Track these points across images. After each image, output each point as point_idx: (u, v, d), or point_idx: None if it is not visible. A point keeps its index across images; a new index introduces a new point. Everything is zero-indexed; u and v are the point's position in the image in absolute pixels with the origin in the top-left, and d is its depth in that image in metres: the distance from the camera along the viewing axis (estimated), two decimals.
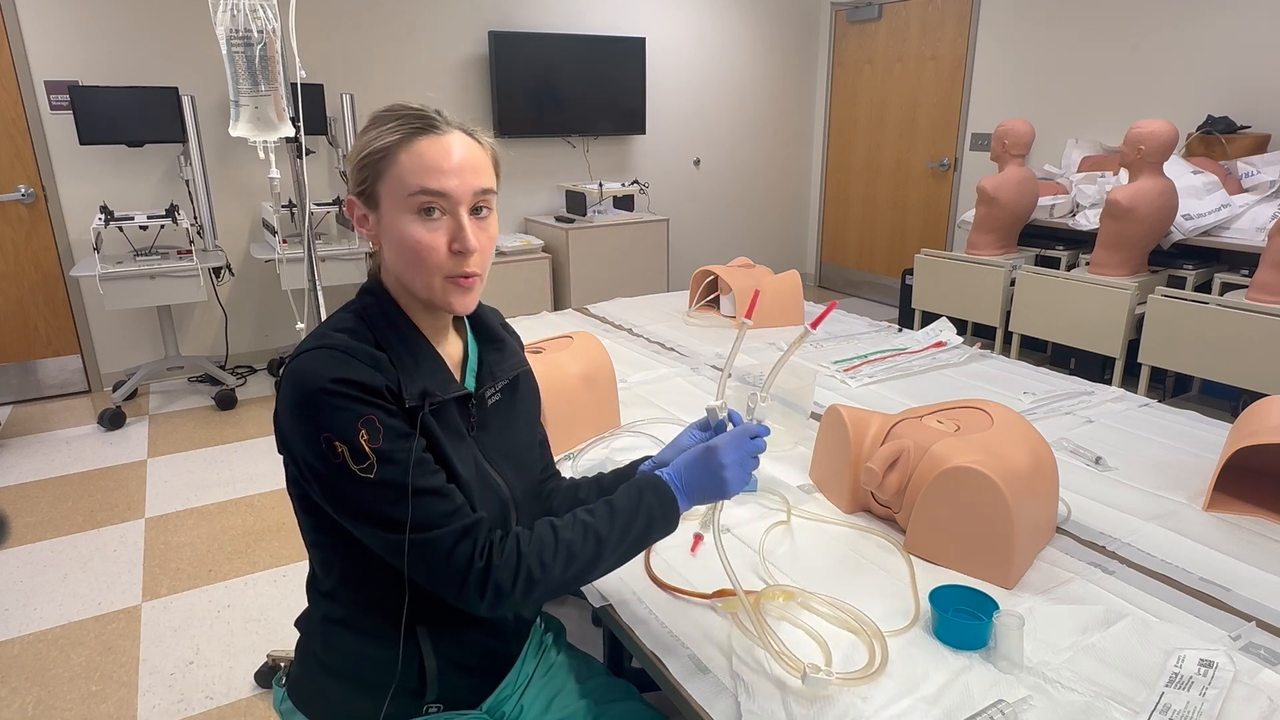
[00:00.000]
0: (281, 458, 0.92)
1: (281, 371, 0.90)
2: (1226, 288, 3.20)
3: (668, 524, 0.96)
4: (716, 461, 0.97)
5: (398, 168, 0.89)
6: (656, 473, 0.99)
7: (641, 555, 1.19)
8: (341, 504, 0.87)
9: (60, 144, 3.74)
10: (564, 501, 1.13)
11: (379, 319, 0.94)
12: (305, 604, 1.07)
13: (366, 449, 0.84)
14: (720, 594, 1.09)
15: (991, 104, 4.90)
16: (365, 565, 0.94)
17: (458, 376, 1.01)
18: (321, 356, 0.87)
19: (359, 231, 0.96)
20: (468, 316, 1.05)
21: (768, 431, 1.01)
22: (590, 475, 1.17)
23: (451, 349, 1.02)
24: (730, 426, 1.05)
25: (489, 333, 1.07)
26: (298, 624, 1.08)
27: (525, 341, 1.69)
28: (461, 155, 0.90)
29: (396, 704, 1.00)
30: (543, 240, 4.77)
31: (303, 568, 2.46)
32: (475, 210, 0.92)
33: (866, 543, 1.23)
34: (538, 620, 1.22)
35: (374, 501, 0.86)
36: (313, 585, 1.04)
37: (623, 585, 1.13)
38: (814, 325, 1.04)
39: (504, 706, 1.11)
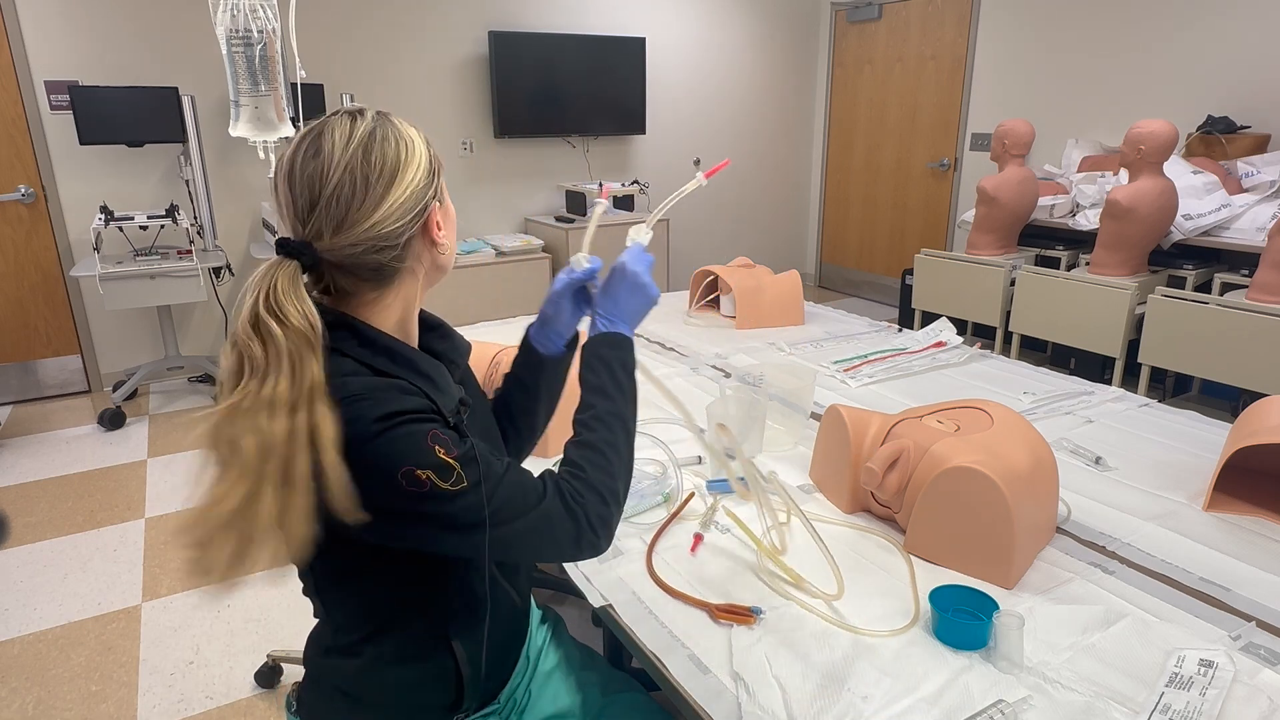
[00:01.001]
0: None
1: None
2: (1226, 288, 3.20)
3: (631, 355, 1.00)
4: (631, 273, 1.01)
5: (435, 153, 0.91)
6: (598, 331, 1.01)
7: (644, 554, 1.20)
8: (444, 528, 0.82)
9: (60, 144, 3.74)
10: (506, 403, 1.12)
11: (370, 354, 0.86)
12: (304, 604, 1.06)
13: (449, 461, 0.80)
14: (722, 611, 1.06)
15: (991, 104, 4.90)
16: (401, 602, 0.92)
17: None
18: (348, 407, 0.79)
19: (438, 238, 0.90)
20: None
21: (645, 249, 1.06)
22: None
23: None
24: (598, 276, 1.07)
25: (426, 321, 1.01)
26: (308, 663, 1.02)
27: None
28: None
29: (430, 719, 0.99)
30: (543, 240, 4.77)
31: None
32: None
33: (866, 543, 1.23)
34: (538, 611, 1.22)
35: (478, 506, 0.82)
36: (332, 643, 0.97)
37: (623, 585, 1.13)
38: (707, 176, 1.09)
39: (515, 694, 1.11)
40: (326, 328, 0.81)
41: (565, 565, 1.18)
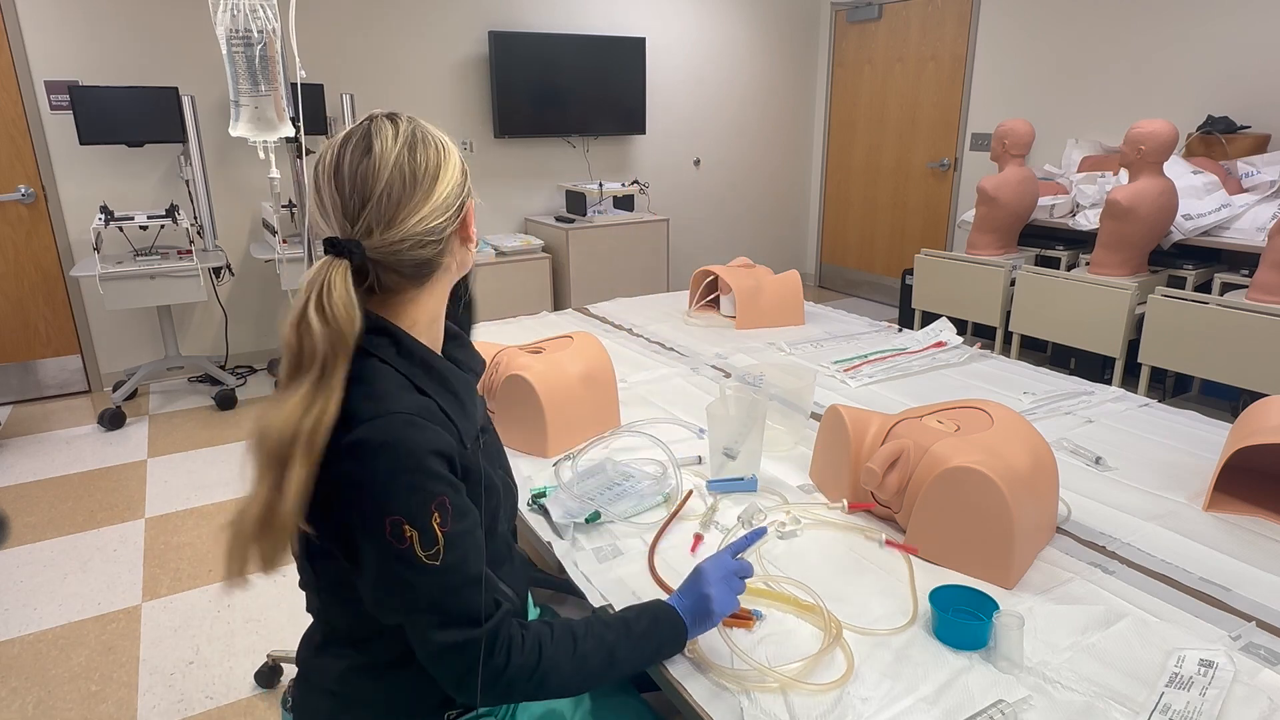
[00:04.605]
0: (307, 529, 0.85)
1: (347, 442, 0.79)
2: (1226, 288, 3.20)
3: (676, 649, 0.97)
4: (703, 581, 0.97)
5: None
6: (668, 600, 0.98)
7: (646, 553, 1.20)
8: (390, 584, 0.81)
9: (60, 144, 3.74)
10: None
11: (408, 365, 0.86)
12: (304, 604, 1.05)
13: (439, 532, 0.79)
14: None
15: (991, 104, 4.90)
16: None
17: None
18: (398, 425, 0.79)
19: (473, 234, 0.95)
20: None
21: (749, 571, 1.00)
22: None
23: None
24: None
25: (446, 329, 1.01)
26: (300, 663, 1.02)
27: (525, 342, 1.70)
28: None
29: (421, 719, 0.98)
30: (543, 240, 4.77)
31: None
32: None
33: (867, 543, 1.23)
34: (535, 613, 1.22)
35: (435, 590, 0.80)
36: (323, 644, 0.97)
37: (622, 585, 1.13)
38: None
39: None
40: (366, 332, 0.83)
41: (565, 565, 1.18)
